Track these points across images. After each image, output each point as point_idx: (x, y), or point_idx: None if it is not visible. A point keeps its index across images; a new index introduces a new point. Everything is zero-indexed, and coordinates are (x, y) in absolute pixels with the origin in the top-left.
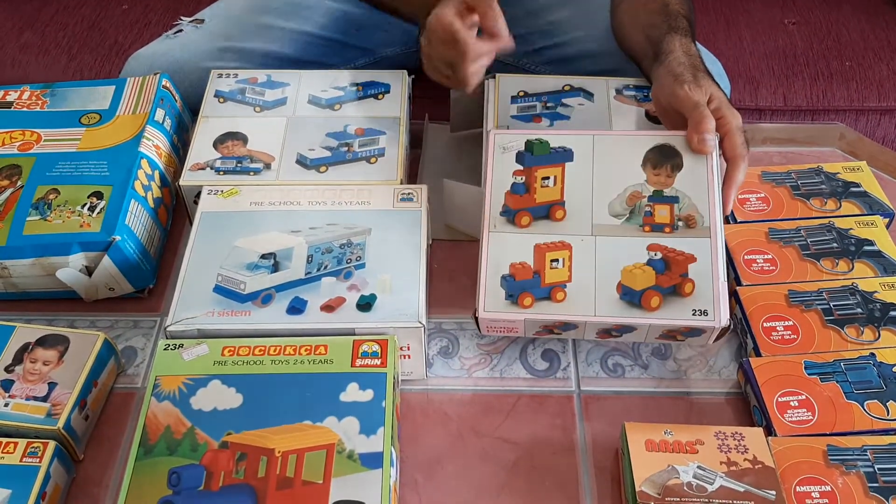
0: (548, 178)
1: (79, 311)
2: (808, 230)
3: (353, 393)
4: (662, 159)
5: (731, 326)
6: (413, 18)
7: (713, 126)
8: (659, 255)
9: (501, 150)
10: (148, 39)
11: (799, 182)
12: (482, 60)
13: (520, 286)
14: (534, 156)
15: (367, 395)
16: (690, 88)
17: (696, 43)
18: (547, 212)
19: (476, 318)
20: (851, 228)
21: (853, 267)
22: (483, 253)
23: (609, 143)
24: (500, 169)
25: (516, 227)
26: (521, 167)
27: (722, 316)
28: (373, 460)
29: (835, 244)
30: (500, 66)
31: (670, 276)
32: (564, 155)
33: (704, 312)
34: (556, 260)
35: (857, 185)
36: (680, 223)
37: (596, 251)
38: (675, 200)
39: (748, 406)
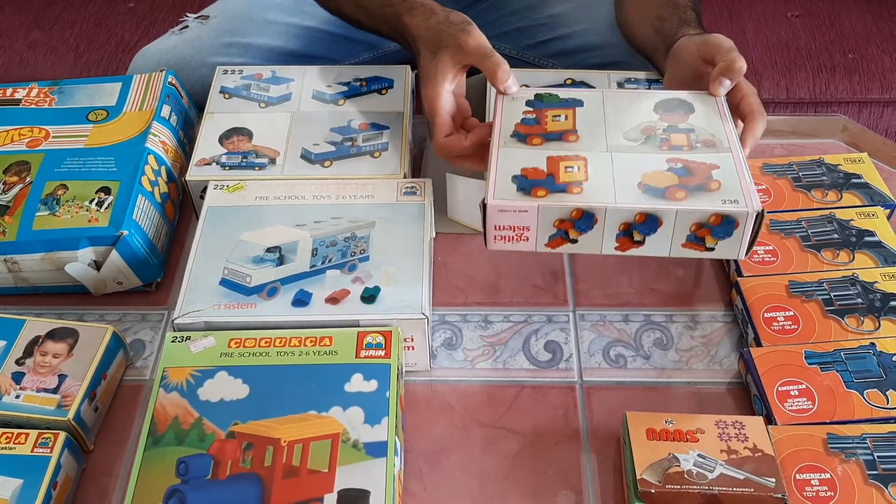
0: (559, 115)
1: (87, 304)
2: (809, 221)
3: (357, 383)
4: (675, 106)
5: (764, 215)
6: (393, 38)
7: (743, 72)
8: (680, 164)
9: (511, 99)
10: (154, 37)
11: (800, 174)
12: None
13: (532, 182)
14: (543, 103)
15: (372, 385)
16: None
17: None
18: (559, 136)
19: (484, 214)
20: (852, 219)
21: (854, 258)
22: (492, 164)
23: (619, 98)
24: (509, 110)
25: (527, 145)
26: (531, 109)
27: (754, 202)
28: (377, 449)
29: (835, 235)
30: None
31: (694, 178)
32: (575, 102)
33: (735, 201)
34: (571, 167)
35: (859, 177)
36: (698, 145)
37: (613, 164)
38: (690, 131)
39: (749, 395)
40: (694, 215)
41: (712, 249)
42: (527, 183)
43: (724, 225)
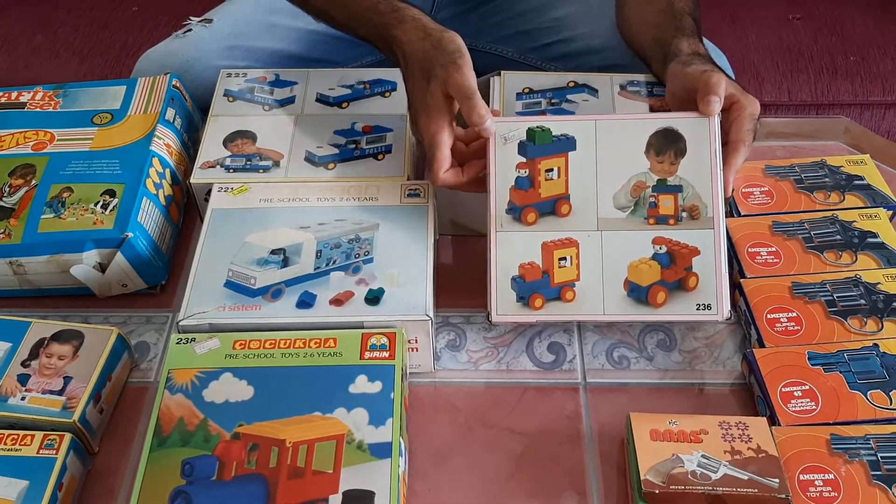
0: (551, 169)
1: (92, 307)
2: (811, 223)
3: (361, 385)
4: (666, 145)
5: (732, 318)
6: (375, 45)
7: (723, 89)
8: (664, 249)
9: (503, 141)
10: (158, 40)
11: (802, 175)
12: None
13: (530, 287)
14: (536, 145)
15: (376, 386)
16: (701, 65)
17: (704, 40)
18: (552, 207)
19: (489, 321)
20: (855, 221)
21: (856, 259)
22: (491, 254)
23: (611, 129)
24: (503, 162)
25: (523, 225)
26: (523, 159)
27: (724, 310)
28: (382, 450)
29: (838, 236)
30: (504, 62)
31: (675, 271)
32: (567, 143)
33: (708, 307)
34: (564, 258)
35: (861, 178)
36: (684, 214)
37: (602, 247)
38: (678, 190)
39: (752, 396)
40: (670, 322)
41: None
42: (525, 289)
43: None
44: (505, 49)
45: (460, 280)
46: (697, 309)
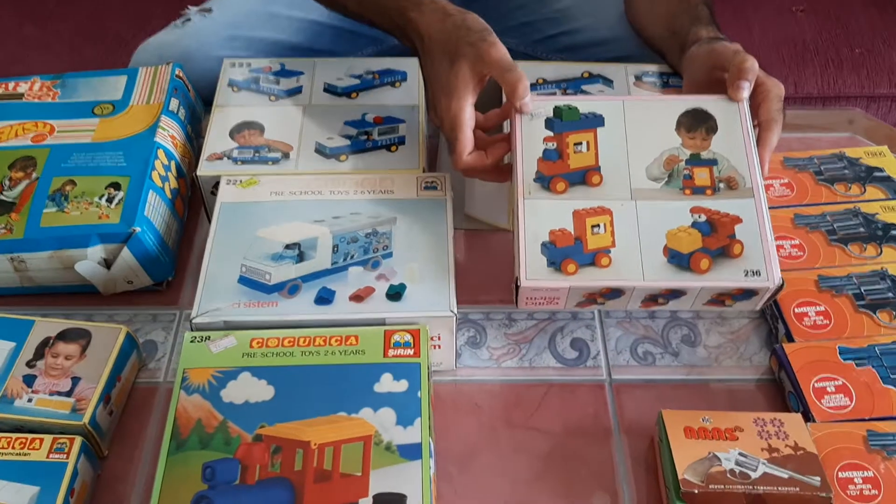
0: (580, 143)
1: (96, 305)
2: (833, 215)
3: (387, 383)
4: (696, 123)
5: (784, 285)
6: (390, 32)
7: (754, 75)
8: (703, 218)
9: (529, 118)
10: (150, 31)
11: (822, 167)
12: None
13: (562, 253)
14: (563, 121)
15: (402, 385)
16: (730, 44)
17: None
18: (583, 177)
19: (516, 289)
20: (877, 213)
21: (881, 251)
22: (519, 220)
23: (640, 109)
24: (529, 136)
25: (552, 194)
26: (550, 133)
27: (775, 275)
28: (411, 451)
29: (861, 229)
30: (511, 54)
31: (717, 238)
32: (595, 120)
33: (757, 273)
34: (598, 225)
35: (881, 170)
36: (721, 185)
37: (637, 215)
38: (713, 163)
39: (781, 392)
40: (717, 289)
41: (730, 306)
42: (557, 254)
43: (745, 294)
44: (509, 41)
45: (477, 275)
46: (746, 275)
